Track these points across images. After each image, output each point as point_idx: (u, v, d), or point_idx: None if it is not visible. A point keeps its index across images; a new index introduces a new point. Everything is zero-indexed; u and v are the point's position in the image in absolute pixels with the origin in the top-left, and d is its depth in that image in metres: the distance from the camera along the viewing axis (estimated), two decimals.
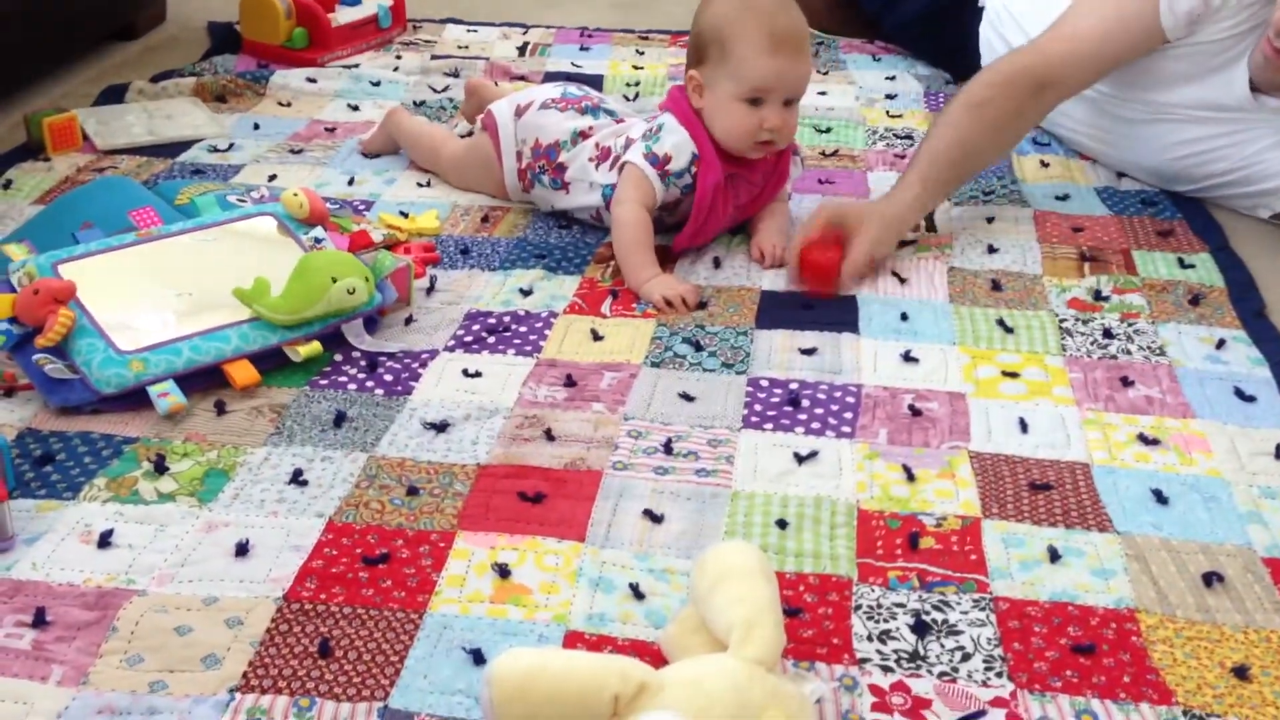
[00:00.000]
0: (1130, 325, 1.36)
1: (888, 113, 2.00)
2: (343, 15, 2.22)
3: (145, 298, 1.26)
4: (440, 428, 1.16)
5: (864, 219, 1.43)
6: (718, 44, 1.42)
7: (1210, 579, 0.98)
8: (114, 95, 1.99)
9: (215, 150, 1.80)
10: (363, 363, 1.27)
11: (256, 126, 1.90)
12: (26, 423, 1.16)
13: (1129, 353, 1.30)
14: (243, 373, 1.21)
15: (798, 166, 1.58)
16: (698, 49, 1.46)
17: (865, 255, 1.41)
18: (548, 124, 1.57)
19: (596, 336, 1.32)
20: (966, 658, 0.90)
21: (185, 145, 1.81)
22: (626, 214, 1.45)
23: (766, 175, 1.51)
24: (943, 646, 0.91)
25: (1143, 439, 1.16)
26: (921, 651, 0.91)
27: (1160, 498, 1.08)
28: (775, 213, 1.55)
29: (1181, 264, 1.50)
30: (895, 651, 0.91)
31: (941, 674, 0.89)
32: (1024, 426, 1.17)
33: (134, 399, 1.18)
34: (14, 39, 1.90)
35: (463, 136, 1.76)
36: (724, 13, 1.42)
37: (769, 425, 1.18)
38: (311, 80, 2.08)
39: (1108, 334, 1.34)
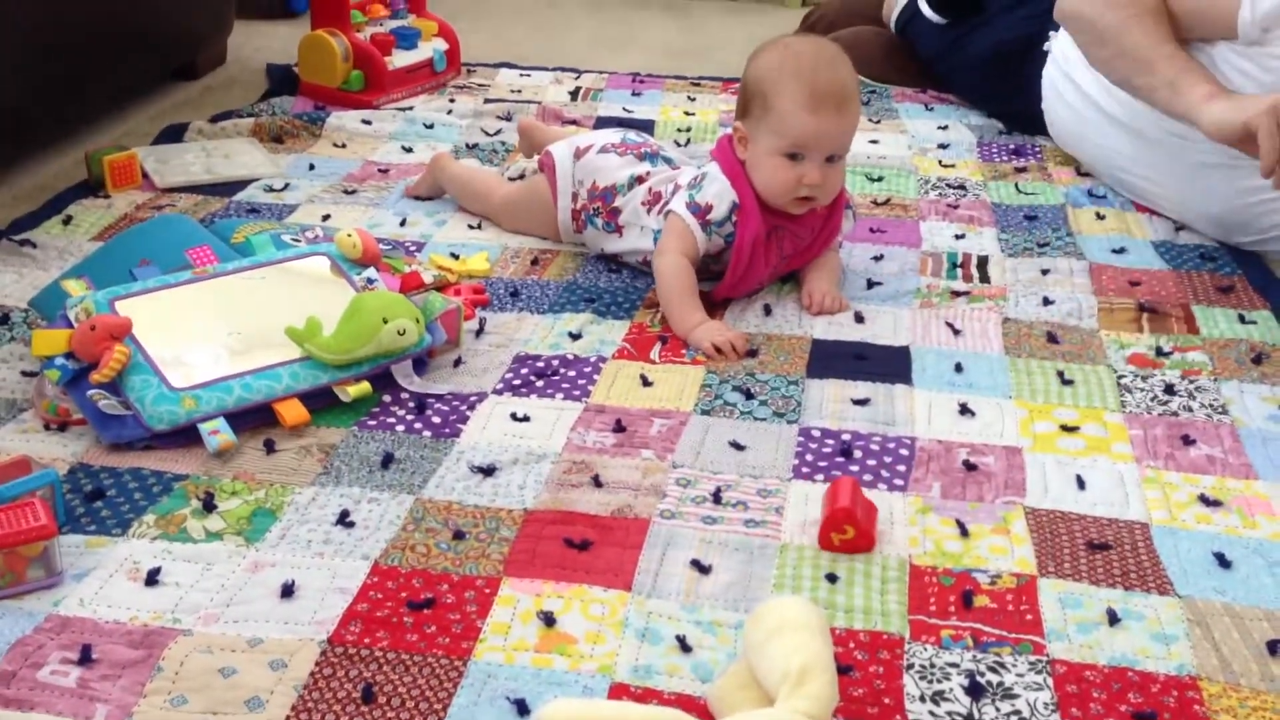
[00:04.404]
0: (1191, 382, 1.33)
1: (940, 162, 1.99)
2: (399, 59, 2.25)
3: (199, 335, 1.27)
4: (487, 471, 1.15)
5: None
6: (760, 97, 1.41)
7: (1275, 647, 0.95)
8: (173, 134, 2.02)
9: (271, 190, 1.82)
10: (411, 404, 1.27)
11: (312, 167, 1.92)
12: (79, 457, 1.17)
13: (1190, 410, 1.28)
14: (292, 412, 1.22)
15: (850, 220, 1.56)
16: (743, 101, 1.45)
17: None
18: (606, 167, 1.57)
19: (646, 382, 1.31)
20: None
21: (242, 184, 1.84)
22: (666, 265, 1.44)
23: (816, 229, 1.50)
24: (998, 710, 0.88)
25: (1204, 500, 1.13)
26: (976, 714, 0.88)
27: (1223, 561, 1.05)
28: (827, 261, 1.54)
29: (1242, 320, 1.47)
30: (949, 714, 0.88)
31: None
32: (1081, 483, 1.15)
33: (185, 436, 1.18)
34: (77, 77, 1.93)
35: (510, 180, 1.76)
36: (768, 66, 1.42)
37: (820, 476, 1.16)
38: (366, 122, 2.10)
39: (1169, 390, 1.31)
